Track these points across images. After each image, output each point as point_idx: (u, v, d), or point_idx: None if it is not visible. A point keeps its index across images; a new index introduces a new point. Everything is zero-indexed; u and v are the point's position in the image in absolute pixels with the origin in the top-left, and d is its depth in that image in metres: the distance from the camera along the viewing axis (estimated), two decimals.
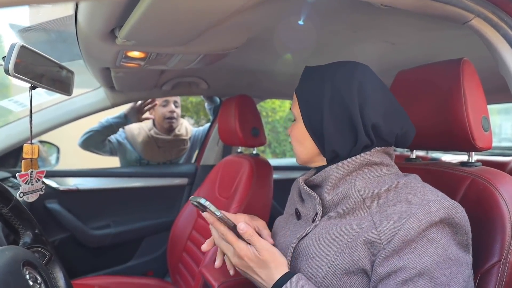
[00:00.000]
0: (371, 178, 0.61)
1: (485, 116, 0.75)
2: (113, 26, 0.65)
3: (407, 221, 0.53)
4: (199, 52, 0.88)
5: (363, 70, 0.64)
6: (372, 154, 0.62)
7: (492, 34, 0.53)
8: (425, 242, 0.52)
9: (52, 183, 1.57)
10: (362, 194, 0.59)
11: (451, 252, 0.52)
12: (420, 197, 0.55)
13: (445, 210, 0.54)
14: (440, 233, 0.53)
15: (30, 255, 0.50)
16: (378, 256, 0.54)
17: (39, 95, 1.49)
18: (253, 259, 0.59)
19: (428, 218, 0.52)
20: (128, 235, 1.71)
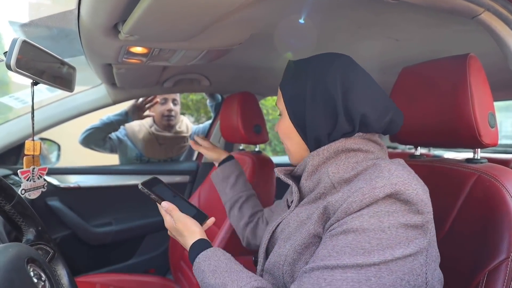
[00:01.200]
0: (346, 164, 0.61)
1: (491, 112, 0.75)
2: (116, 21, 0.64)
3: (352, 194, 0.53)
4: (203, 47, 0.87)
5: (345, 60, 0.64)
6: (349, 140, 0.62)
7: (502, 29, 0.52)
8: (363, 211, 0.51)
9: (53, 181, 1.56)
10: (331, 179, 0.60)
11: (388, 226, 0.50)
12: (376, 175, 0.54)
13: (392, 186, 0.51)
14: (384, 206, 0.51)
15: (34, 252, 0.49)
16: (326, 223, 0.56)
17: (40, 92, 1.48)
18: (172, 228, 0.73)
19: (372, 192, 0.51)
20: (129, 232, 1.70)
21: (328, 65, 0.63)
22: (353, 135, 0.63)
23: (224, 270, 0.60)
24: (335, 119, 0.61)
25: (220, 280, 0.59)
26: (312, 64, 0.65)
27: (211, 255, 0.64)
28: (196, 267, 0.64)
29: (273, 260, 0.63)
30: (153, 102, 1.81)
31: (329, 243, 0.52)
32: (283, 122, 0.69)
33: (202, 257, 0.64)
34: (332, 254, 0.50)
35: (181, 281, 1.46)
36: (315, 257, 0.53)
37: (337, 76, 0.61)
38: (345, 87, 0.61)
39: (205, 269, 0.62)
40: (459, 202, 0.72)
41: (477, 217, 0.68)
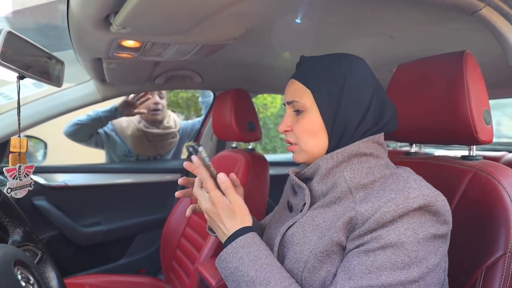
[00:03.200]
0: (360, 169, 0.62)
1: (487, 109, 0.75)
2: (108, 12, 0.62)
3: (385, 204, 0.53)
4: (197, 42, 0.85)
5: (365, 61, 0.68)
6: (361, 144, 0.63)
7: (502, 24, 0.52)
8: (397, 223, 0.53)
9: (39, 179, 1.51)
10: (349, 184, 0.61)
11: (422, 238, 0.52)
12: (402, 185, 0.56)
13: (424, 197, 0.54)
14: (416, 218, 0.53)
15: (21, 254, 0.47)
16: (352, 234, 0.55)
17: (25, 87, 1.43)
18: (224, 208, 0.62)
19: (406, 203, 0.53)
20: (119, 232, 1.67)
21: (358, 63, 0.65)
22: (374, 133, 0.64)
23: (265, 263, 0.57)
24: (364, 115, 0.63)
25: (262, 275, 0.55)
26: (346, 61, 0.65)
27: (251, 242, 0.59)
28: (232, 252, 0.59)
29: (290, 266, 0.60)
30: (145, 98, 1.77)
31: (366, 259, 0.52)
32: (309, 119, 0.65)
33: (241, 242, 0.59)
34: (373, 271, 0.51)
35: (173, 281, 1.44)
36: (352, 273, 0.52)
37: (368, 74, 0.65)
38: (374, 85, 0.64)
39: (244, 256, 0.57)
40: (456, 198, 0.73)
41: (473, 213, 0.68)
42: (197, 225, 1.43)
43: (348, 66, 0.64)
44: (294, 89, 0.67)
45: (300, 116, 0.66)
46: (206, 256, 1.22)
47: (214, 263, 1.20)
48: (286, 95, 0.69)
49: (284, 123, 0.69)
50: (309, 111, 0.65)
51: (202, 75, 1.52)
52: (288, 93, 0.68)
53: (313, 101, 0.64)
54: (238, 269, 0.57)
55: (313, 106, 0.64)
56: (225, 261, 0.59)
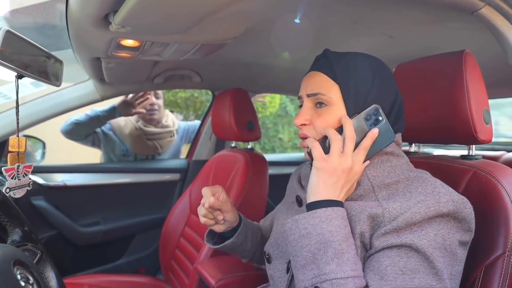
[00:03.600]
0: (382, 167, 0.62)
1: (486, 109, 0.75)
2: (107, 11, 0.62)
3: (415, 205, 0.53)
4: (197, 41, 0.85)
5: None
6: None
7: (502, 23, 0.52)
8: (427, 227, 0.53)
9: (38, 179, 1.51)
10: (372, 182, 0.61)
11: (450, 244, 0.53)
12: (431, 189, 0.56)
13: (454, 203, 0.54)
14: (444, 224, 0.54)
15: (21, 253, 0.46)
16: (377, 230, 0.55)
17: (24, 87, 1.43)
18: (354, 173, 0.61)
19: (437, 207, 0.53)
20: (118, 232, 1.66)
21: (385, 67, 0.67)
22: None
23: (352, 245, 0.55)
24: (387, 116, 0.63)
25: (352, 253, 0.54)
26: (374, 59, 0.66)
27: (346, 219, 0.57)
28: (330, 215, 0.55)
29: None
30: (144, 98, 1.77)
31: (399, 260, 0.52)
32: (333, 114, 0.63)
33: (340, 213, 0.56)
34: (406, 273, 0.51)
35: (172, 281, 1.43)
36: (383, 273, 0.52)
37: (392, 78, 0.67)
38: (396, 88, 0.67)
39: (341, 225, 0.55)
40: None
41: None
42: (196, 225, 1.42)
43: (377, 67, 0.65)
44: (319, 81, 0.64)
45: (323, 109, 0.63)
46: (205, 256, 1.22)
47: (213, 262, 1.20)
48: (307, 87, 0.66)
49: (302, 116, 0.65)
50: (334, 106, 0.63)
51: (201, 74, 1.52)
52: (311, 84, 0.65)
53: (339, 96, 0.62)
54: (331, 234, 0.54)
55: (339, 101, 0.62)
56: (319, 219, 0.55)
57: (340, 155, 0.59)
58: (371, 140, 0.60)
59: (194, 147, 1.96)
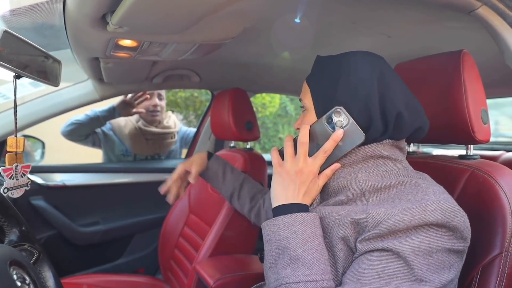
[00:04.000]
0: (376, 172, 0.60)
1: (484, 109, 0.75)
2: (104, 11, 0.62)
3: (400, 213, 0.52)
4: (195, 41, 0.85)
5: (382, 60, 0.64)
6: (378, 146, 0.61)
7: (498, 23, 0.52)
8: (412, 234, 0.51)
9: (37, 179, 1.51)
10: (362, 186, 0.59)
11: (436, 252, 0.51)
12: (420, 196, 0.54)
13: (443, 212, 0.52)
14: (432, 232, 0.52)
15: (17, 254, 0.46)
16: (360, 236, 0.55)
17: (22, 87, 1.43)
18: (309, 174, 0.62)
19: (422, 215, 0.51)
20: (118, 232, 1.66)
21: (364, 62, 0.61)
22: (383, 139, 0.61)
23: (315, 248, 0.55)
24: (370, 118, 0.59)
25: (309, 257, 0.54)
26: (346, 60, 0.62)
27: (310, 222, 0.57)
28: (288, 222, 0.57)
29: None
30: (143, 98, 1.77)
31: (378, 264, 0.51)
32: (307, 118, 0.66)
33: (300, 218, 0.57)
34: (383, 277, 0.50)
35: (171, 281, 1.44)
36: (360, 275, 0.52)
37: (374, 74, 0.60)
38: (382, 85, 0.60)
39: (298, 232, 0.56)
40: (453, 197, 0.72)
41: (470, 212, 0.68)
42: (195, 225, 1.42)
43: (347, 64, 0.61)
44: (304, 88, 0.68)
45: (304, 114, 0.68)
46: (204, 256, 1.22)
47: (212, 262, 1.20)
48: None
49: (296, 121, 0.71)
50: (309, 111, 0.65)
51: (200, 74, 1.52)
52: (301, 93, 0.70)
53: (311, 100, 0.65)
54: (287, 241, 0.56)
55: (312, 106, 0.65)
56: (277, 226, 0.58)
57: (292, 159, 0.62)
58: (334, 142, 0.59)
59: (193, 147, 1.96)
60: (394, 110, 0.59)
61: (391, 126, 0.60)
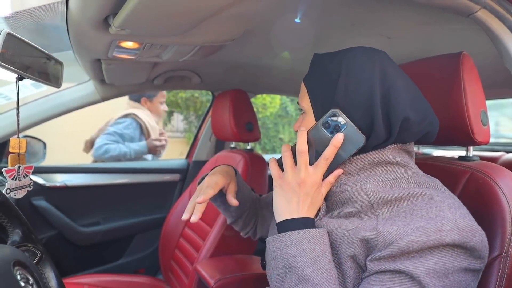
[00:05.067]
0: (384, 181, 0.56)
1: (483, 110, 0.75)
2: (106, 14, 0.62)
3: (413, 232, 0.49)
4: (196, 43, 0.86)
5: (383, 56, 0.58)
6: (385, 151, 0.56)
7: (498, 26, 0.52)
8: (427, 255, 0.48)
9: (38, 180, 1.52)
10: (371, 198, 0.55)
11: (452, 273, 0.49)
12: (435, 213, 0.50)
13: (459, 232, 0.49)
14: (447, 252, 0.49)
15: (21, 254, 0.47)
16: (371, 253, 0.52)
17: (25, 88, 1.43)
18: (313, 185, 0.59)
19: (438, 236, 0.48)
20: (118, 232, 1.67)
21: (364, 59, 0.56)
22: (389, 144, 0.56)
23: (325, 268, 0.52)
24: (372, 121, 0.55)
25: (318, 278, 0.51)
26: (345, 58, 0.57)
27: (319, 240, 0.53)
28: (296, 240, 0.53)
29: None
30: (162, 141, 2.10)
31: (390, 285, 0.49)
32: (307, 122, 0.62)
33: (309, 235, 0.53)
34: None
35: (172, 281, 1.44)
36: None
37: (375, 72, 0.55)
38: (385, 86, 0.54)
39: (306, 250, 0.52)
40: None
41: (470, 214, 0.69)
42: (195, 226, 1.43)
43: (346, 62, 0.56)
44: (302, 90, 0.64)
45: (302, 116, 0.64)
46: (204, 256, 1.22)
47: (212, 263, 1.21)
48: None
49: (297, 122, 0.67)
50: (308, 114, 0.62)
51: (201, 75, 1.53)
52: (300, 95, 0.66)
53: (309, 103, 0.61)
54: (295, 259, 0.53)
55: (310, 108, 0.61)
56: (284, 243, 0.54)
57: (292, 170, 0.58)
58: (335, 147, 0.55)
59: (194, 147, 1.96)
60: (400, 114, 0.54)
61: (396, 129, 0.55)
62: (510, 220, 0.64)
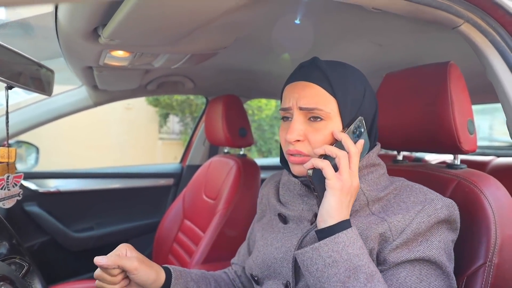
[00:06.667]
0: (372, 179, 0.63)
1: (470, 119, 0.76)
2: (96, 25, 0.62)
3: (417, 215, 0.56)
4: (186, 51, 0.86)
5: None
6: (371, 155, 0.64)
7: (480, 40, 0.53)
8: (430, 236, 0.56)
9: (31, 185, 1.51)
10: (367, 196, 0.61)
11: (448, 247, 0.59)
12: (422, 197, 0.59)
13: (448, 208, 0.58)
14: (440, 229, 0.58)
15: (7, 268, 0.47)
16: (386, 246, 0.56)
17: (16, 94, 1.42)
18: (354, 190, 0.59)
19: (435, 214, 0.57)
20: (112, 237, 1.66)
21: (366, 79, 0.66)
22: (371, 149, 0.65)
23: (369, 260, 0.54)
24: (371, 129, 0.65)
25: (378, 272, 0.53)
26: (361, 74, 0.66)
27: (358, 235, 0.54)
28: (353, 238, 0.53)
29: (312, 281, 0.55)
30: None
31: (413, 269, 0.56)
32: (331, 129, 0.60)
33: (356, 232, 0.54)
34: (423, 279, 0.55)
35: None
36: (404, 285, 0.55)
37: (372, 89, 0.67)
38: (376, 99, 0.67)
39: (363, 247, 0.53)
40: None
41: None
42: (189, 231, 1.43)
43: (365, 80, 0.66)
44: (315, 94, 0.60)
45: (320, 124, 0.60)
46: (197, 262, 1.23)
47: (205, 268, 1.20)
48: (299, 99, 0.60)
49: (295, 131, 0.60)
50: (331, 120, 0.60)
51: (195, 80, 1.53)
52: (305, 97, 0.60)
53: (337, 110, 0.60)
54: (359, 258, 0.52)
55: (336, 115, 0.60)
56: (342, 244, 0.52)
57: (350, 173, 0.56)
58: (360, 152, 0.60)
59: (188, 151, 1.96)
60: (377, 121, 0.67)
61: (377, 136, 0.67)
62: (494, 229, 0.65)
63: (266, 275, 0.67)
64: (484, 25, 0.51)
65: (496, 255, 0.63)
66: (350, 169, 0.56)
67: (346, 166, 0.56)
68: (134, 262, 0.61)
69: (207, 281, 0.75)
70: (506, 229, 0.66)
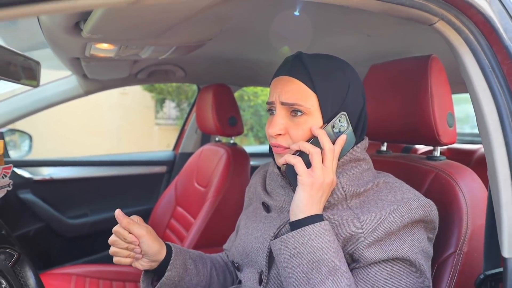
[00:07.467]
0: (354, 174, 0.63)
1: (450, 112, 0.78)
2: (76, 20, 0.63)
3: (390, 215, 0.57)
4: (171, 44, 0.86)
5: None
6: (355, 149, 0.64)
7: (454, 38, 0.54)
8: (403, 236, 0.57)
9: (24, 173, 1.53)
10: (346, 191, 0.61)
11: (424, 245, 0.59)
12: (400, 196, 0.60)
13: (423, 208, 0.59)
14: (415, 229, 0.58)
15: None
16: (358, 245, 0.57)
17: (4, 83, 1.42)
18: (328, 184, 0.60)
19: (409, 214, 0.57)
20: (106, 223, 1.70)
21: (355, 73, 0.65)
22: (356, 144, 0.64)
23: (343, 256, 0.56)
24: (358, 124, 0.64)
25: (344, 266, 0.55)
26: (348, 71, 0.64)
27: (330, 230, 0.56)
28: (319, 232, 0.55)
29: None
30: None
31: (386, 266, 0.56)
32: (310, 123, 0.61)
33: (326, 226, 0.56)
34: (394, 276, 0.56)
35: None
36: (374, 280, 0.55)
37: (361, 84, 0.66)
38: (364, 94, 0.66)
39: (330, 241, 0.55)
40: None
41: None
42: (181, 217, 1.46)
43: (351, 75, 0.64)
44: (296, 89, 0.60)
45: (300, 118, 0.61)
46: (187, 247, 1.26)
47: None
48: (281, 94, 0.61)
49: (276, 126, 0.61)
50: (311, 115, 0.60)
51: (185, 69, 1.53)
52: (286, 92, 0.61)
53: (317, 106, 0.60)
54: (322, 251, 0.54)
55: (316, 110, 0.60)
56: (308, 237, 0.54)
57: (322, 169, 0.57)
58: (341, 147, 0.60)
59: (180, 139, 1.98)
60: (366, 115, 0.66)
61: (365, 130, 0.66)
62: (466, 220, 0.68)
63: (245, 262, 0.71)
64: (458, 23, 0.51)
65: (466, 244, 0.66)
66: (324, 165, 0.58)
67: (319, 162, 0.57)
68: (142, 230, 0.68)
69: (203, 261, 0.79)
70: (477, 219, 0.69)
